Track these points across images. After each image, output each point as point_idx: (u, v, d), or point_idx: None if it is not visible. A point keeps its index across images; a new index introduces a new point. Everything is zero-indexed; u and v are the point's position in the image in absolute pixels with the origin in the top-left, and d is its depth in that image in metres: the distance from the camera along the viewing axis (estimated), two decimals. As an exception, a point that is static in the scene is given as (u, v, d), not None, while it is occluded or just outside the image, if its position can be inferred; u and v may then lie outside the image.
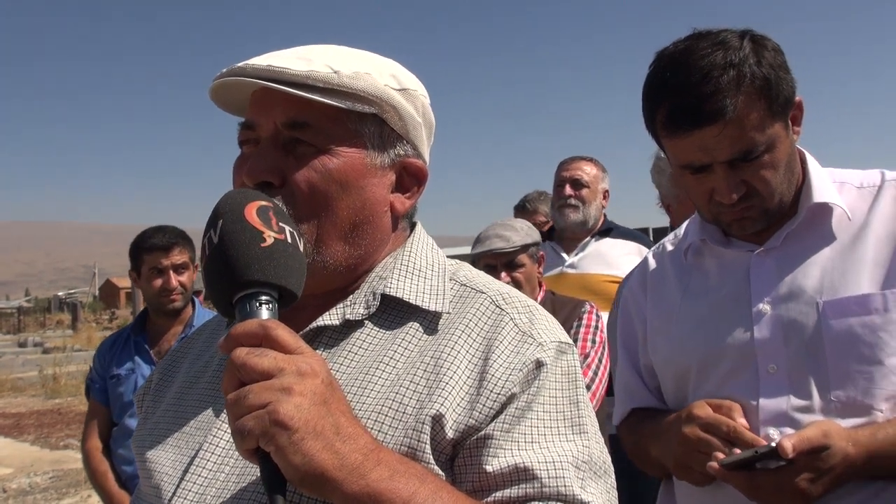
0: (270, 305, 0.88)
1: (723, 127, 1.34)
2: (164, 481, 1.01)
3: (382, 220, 1.08)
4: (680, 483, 1.56)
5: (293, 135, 1.01)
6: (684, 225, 1.70)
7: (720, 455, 1.37)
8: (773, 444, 1.30)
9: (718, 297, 1.53)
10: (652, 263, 1.72)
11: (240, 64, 1.02)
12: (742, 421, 1.41)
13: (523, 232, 2.88)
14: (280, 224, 0.91)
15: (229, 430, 0.89)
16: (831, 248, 1.45)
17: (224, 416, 0.99)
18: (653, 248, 1.77)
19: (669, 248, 1.70)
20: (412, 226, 1.17)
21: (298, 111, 1.00)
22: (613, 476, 1.01)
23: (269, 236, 0.89)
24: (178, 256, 3.12)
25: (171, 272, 3.10)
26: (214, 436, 0.99)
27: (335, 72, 1.00)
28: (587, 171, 3.62)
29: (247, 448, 0.80)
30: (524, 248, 2.84)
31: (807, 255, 1.46)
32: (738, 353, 1.46)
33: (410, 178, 1.10)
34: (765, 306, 1.46)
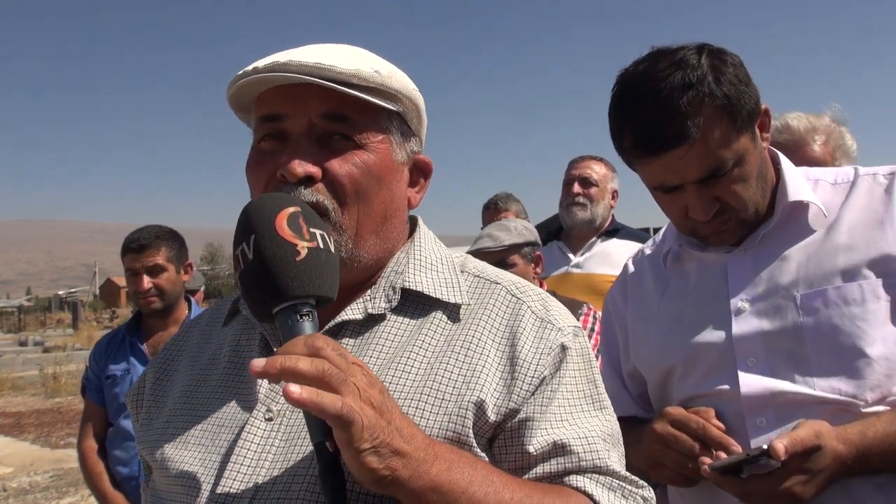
0: (310, 316, 0.89)
1: (688, 149, 1.34)
2: (195, 480, 1.01)
3: (403, 215, 1.14)
4: (672, 489, 1.56)
5: (332, 127, 1.03)
6: (663, 230, 1.70)
7: (707, 459, 1.37)
8: (765, 447, 1.29)
9: (697, 297, 1.53)
10: (631, 269, 1.73)
11: (281, 60, 1.01)
12: (715, 422, 1.41)
13: (515, 232, 2.83)
14: (311, 230, 0.92)
15: (262, 427, 0.99)
16: (807, 243, 1.45)
17: (256, 412, 1.02)
18: (632, 254, 1.77)
19: (648, 252, 1.71)
20: (412, 220, 1.21)
21: (339, 105, 1.03)
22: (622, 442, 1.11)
23: (303, 248, 0.90)
24: (151, 258, 3.07)
25: (144, 274, 3.07)
26: (248, 432, 1.00)
27: (376, 71, 1.04)
28: (596, 171, 3.62)
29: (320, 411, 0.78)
30: (515, 247, 2.79)
31: (783, 251, 1.46)
32: (717, 349, 1.46)
33: (418, 173, 1.16)
34: (743, 303, 1.46)
